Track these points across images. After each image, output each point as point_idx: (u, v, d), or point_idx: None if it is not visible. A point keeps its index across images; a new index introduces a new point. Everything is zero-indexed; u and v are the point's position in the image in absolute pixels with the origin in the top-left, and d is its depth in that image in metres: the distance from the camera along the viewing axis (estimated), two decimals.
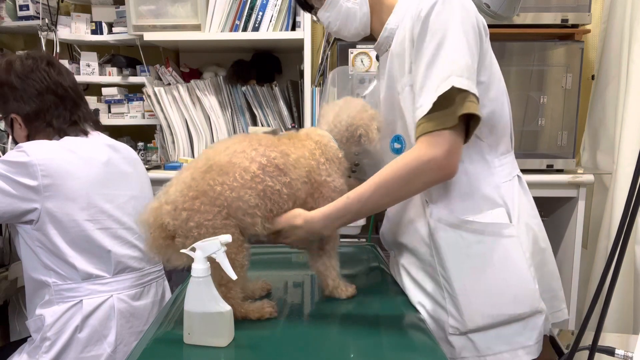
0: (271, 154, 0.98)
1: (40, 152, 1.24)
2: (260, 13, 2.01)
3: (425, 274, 1.09)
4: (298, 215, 1.00)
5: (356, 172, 1.18)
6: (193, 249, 0.88)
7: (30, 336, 1.34)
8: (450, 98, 0.92)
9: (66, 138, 1.32)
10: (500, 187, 1.05)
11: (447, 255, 1.03)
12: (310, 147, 1.04)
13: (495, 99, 1.04)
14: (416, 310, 1.08)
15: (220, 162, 0.95)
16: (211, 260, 0.88)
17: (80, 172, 1.27)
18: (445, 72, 0.93)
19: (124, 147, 1.43)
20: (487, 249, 1.02)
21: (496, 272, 1.02)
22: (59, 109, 1.32)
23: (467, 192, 1.04)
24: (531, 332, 1.03)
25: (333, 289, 1.10)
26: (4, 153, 1.79)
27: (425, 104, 0.94)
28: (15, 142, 1.38)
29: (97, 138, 1.39)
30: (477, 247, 1.02)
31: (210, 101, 2.13)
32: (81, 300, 1.27)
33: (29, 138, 1.34)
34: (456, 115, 0.92)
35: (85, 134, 1.36)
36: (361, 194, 0.97)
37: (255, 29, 2.02)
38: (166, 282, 1.51)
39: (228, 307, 0.90)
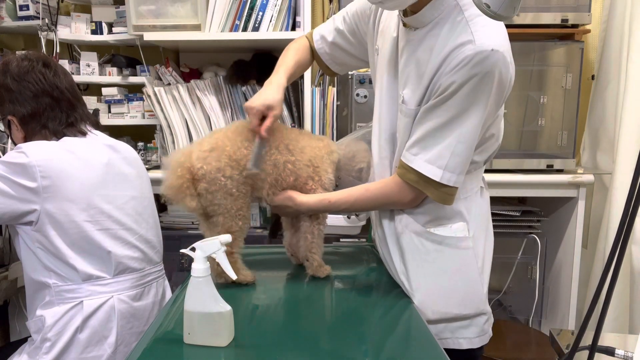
0: (287, 135, 1.19)
1: (39, 153, 1.23)
2: (260, 13, 2.01)
3: (393, 266, 1.21)
4: (290, 199, 1.18)
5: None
6: (193, 249, 0.88)
7: (30, 336, 1.34)
8: (435, 181, 1.05)
9: (65, 139, 1.32)
10: (461, 202, 1.14)
11: (409, 257, 1.16)
12: (321, 144, 1.23)
13: (489, 137, 1.12)
14: (416, 311, 1.09)
15: (247, 134, 1.14)
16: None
17: (79, 173, 1.27)
18: (443, 157, 1.03)
19: (124, 147, 1.43)
20: (444, 257, 1.14)
21: (449, 278, 1.14)
22: (54, 111, 1.32)
23: (430, 206, 1.14)
24: (474, 328, 1.16)
25: (317, 267, 1.24)
26: (4, 153, 1.79)
27: (414, 161, 1.06)
28: (15, 143, 1.38)
29: (96, 138, 1.38)
30: (435, 255, 1.14)
31: (210, 101, 2.13)
32: (82, 301, 1.27)
33: (26, 139, 1.33)
34: (431, 194, 1.07)
35: (84, 134, 1.36)
36: (340, 203, 1.17)
37: (255, 29, 2.02)
38: (166, 282, 1.51)
39: (228, 307, 0.90)
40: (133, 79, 2.22)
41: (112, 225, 1.31)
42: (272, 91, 1.16)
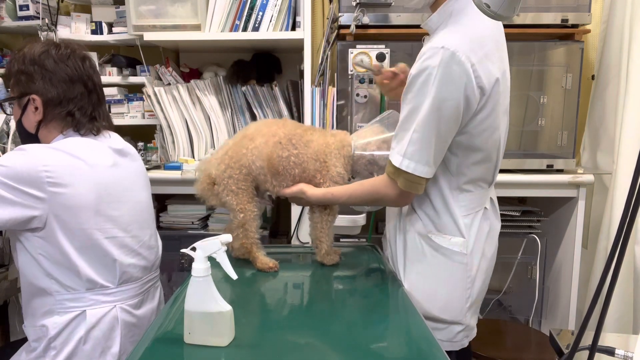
0: (292, 130, 1.29)
1: (46, 158, 1.18)
2: (260, 13, 2.01)
3: (394, 254, 1.30)
4: (301, 191, 1.29)
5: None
6: (193, 249, 0.88)
7: (27, 341, 1.31)
8: (401, 170, 1.12)
9: (70, 141, 1.26)
10: (459, 220, 1.21)
11: (408, 253, 1.26)
12: (331, 140, 1.31)
13: (479, 149, 1.16)
14: (416, 311, 1.09)
15: (249, 134, 1.31)
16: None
17: (87, 179, 1.22)
18: (404, 146, 1.11)
19: (131, 151, 1.40)
20: (437, 264, 1.23)
21: (437, 283, 1.24)
22: (83, 101, 1.28)
23: (432, 215, 1.22)
24: (447, 333, 1.26)
25: (325, 255, 1.34)
26: (4, 153, 1.78)
27: (393, 155, 1.14)
28: (18, 127, 1.31)
29: (105, 141, 1.33)
30: (430, 259, 1.23)
31: (210, 101, 2.13)
32: (84, 310, 1.24)
33: (40, 124, 1.28)
34: (398, 181, 1.13)
35: (97, 133, 1.31)
36: (340, 196, 1.26)
37: (255, 29, 2.02)
38: (160, 286, 1.49)
39: (228, 307, 0.90)
40: (133, 79, 2.22)
41: (119, 233, 1.27)
42: None
